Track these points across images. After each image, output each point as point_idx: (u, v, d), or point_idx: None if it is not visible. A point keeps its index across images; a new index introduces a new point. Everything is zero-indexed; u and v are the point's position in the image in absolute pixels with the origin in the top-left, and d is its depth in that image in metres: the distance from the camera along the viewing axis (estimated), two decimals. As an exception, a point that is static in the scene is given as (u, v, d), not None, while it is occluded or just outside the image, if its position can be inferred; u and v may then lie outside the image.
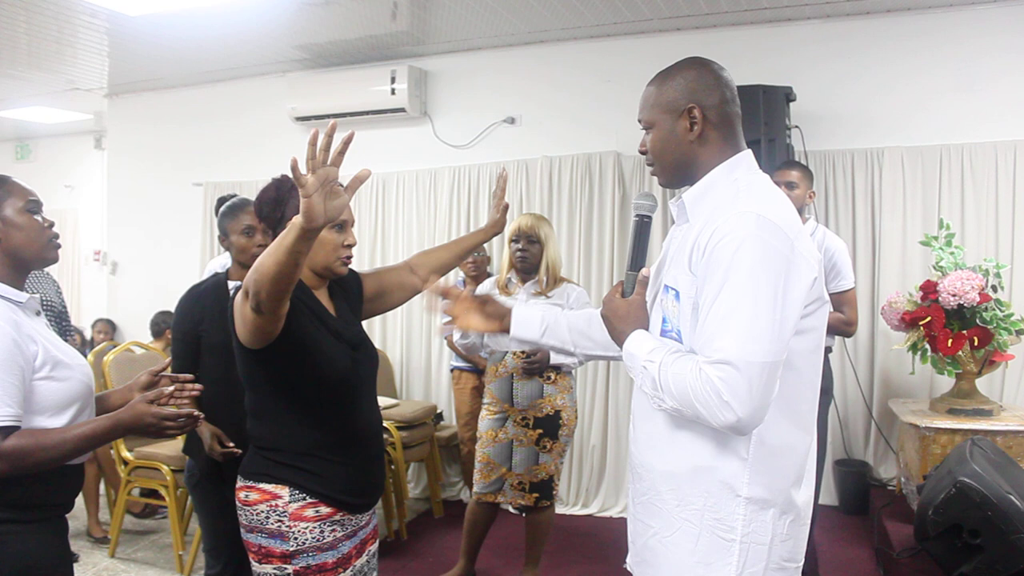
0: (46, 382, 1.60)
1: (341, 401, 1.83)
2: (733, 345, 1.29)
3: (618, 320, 1.55)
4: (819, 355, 1.47)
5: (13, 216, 1.65)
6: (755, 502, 1.40)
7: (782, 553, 1.43)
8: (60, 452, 1.55)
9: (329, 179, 1.41)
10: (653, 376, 1.39)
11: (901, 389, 4.26)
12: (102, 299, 6.47)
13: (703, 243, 1.38)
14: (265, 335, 1.69)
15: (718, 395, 1.29)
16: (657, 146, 1.52)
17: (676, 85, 1.49)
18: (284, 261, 1.49)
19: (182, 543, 3.78)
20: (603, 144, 4.76)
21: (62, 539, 1.72)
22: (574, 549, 4.01)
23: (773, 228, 1.34)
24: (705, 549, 1.42)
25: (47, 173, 7.66)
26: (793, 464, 1.44)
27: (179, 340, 2.61)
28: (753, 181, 1.47)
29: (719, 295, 1.33)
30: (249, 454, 1.87)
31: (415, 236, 5.21)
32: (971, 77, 4.16)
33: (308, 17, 4.44)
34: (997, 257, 3.90)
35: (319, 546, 1.78)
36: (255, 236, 2.62)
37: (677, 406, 1.36)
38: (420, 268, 2.19)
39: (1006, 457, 2.93)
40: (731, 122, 1.50)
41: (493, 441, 3.36)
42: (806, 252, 1.37)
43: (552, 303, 3.34)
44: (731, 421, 1.29)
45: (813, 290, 1.39)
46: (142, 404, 1.62)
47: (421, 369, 5.17)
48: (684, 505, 1.44)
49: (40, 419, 1.58)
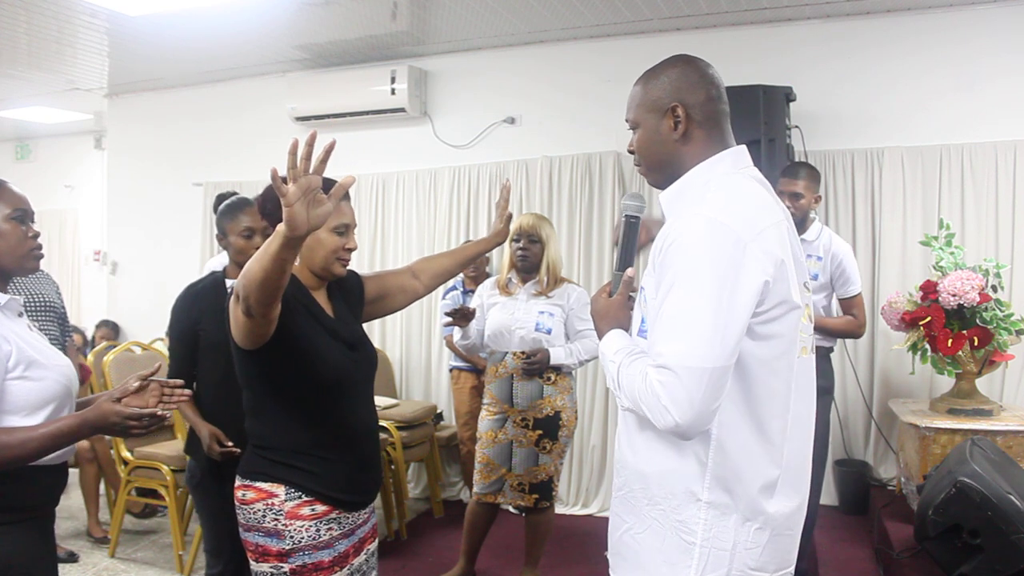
0: (19, 382, 1.60)
1: (337, 400, 1.84)
2: (673, 350, 1.30)
3: (600, 319, 1.58)
4: (786, 361, 1.42)
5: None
6: (715, 507, 1.39)
7: (747, 561, 1.40)
8: (24, 451, 1.54)
9: (311, 187, 1.41)
10: (614, 376, 1.43)
11: (901, 389, 4.25)
12: (102, 299, 6.47)
13: (660, 245, 1.39)
14: (258, 337, 1.70)
15: (658, 399, 1.30)
16: (643, 146, 1.52)
17: (660, 84, 1.48)
18: (270, 268, 1.50)
19: (182, 543, 3.78)
20: (603, 144, 4.76)
21: (45, 540, 1.71)
22: (574, 549, 4.01)
23: (723, 231, 1.32)
24: (669, 549, 1.42)
25: (47, 173, 7.66)
26: (756, 472, 1.40)
27: (177, 339, 2.59)
28: (723, 182, 1.44)
29: (666, 299, 1.33)
30: (247, 453, 1.88)
31: (415, 236, 5.21)
32: (971, 77, 4.16)
33: (308, 17, 4.44)
34: (997, 257, 3.90)
35: (315, 544, 1.78)
36: (254, 239, 2.59)
37: (631, 406, 1.39)
38: (422, 274, 2.20)
39: (1006, 457, 2.93)
40: (717, 120, 1.48)
41: (493, 442, 3.36)
42: (761, 255, 1.33)
43: (552, 303, 3.34)
44: (671, 425, 1.30)
45: (774, 295, 1.35)
46: (107, 403, 1.61)
47: (421, 369, 5.17)
48: (653, 504, 1.44)
49: (13, 419, 1.58)
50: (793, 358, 1.44)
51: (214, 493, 2.52)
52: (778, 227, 1.41)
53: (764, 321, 1.36)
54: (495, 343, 3.37)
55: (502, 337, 3.34)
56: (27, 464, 1.58)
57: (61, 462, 1.72)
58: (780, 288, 1.37)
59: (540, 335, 3.28)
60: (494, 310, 3.40)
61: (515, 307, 3.36)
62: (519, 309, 3.35)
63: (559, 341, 3.32)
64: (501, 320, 3.35)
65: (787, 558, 1.48)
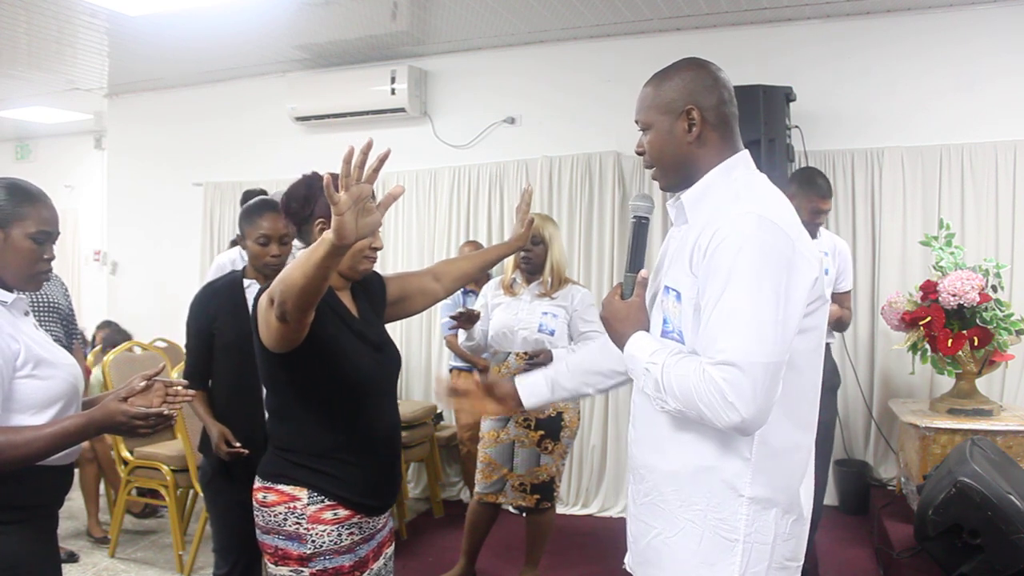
0: (28, 380, 1.60)
1: (363, 403, 1.82)
2: (737, 346, 1.30)
3: (618, 323, 1.54)
4: (819, 354, 1.48)
5: (18, 237, 1.64)
6: (758, 502, 1.40)
7: (784, 552, 1.44)
8: (31, 450, 1.53)
9: (362, 196, 1.39)
10: (656, 378, 1.39)
11: (901, 389, 4.26)
12: (102, 299, 6.47)
13: (704, 244, 1.38)
14: (290, 342, 1.68)
15: (722, 396, 1.29)
16: (655, 148, 1.52)
17: (674, 86, 1.49)
18: (312, 275, 1.48)
19: (182, 543, 3.78)
20: (603, 144, 4.76)
21: (48, 540, 1.71)
22: (574, 549, 4.01)
23: (774, 229, 1.34)
24: (708, 549, 1.42)
25: (47, 173, 7.65)
26: (795, 463, 1.45)
27: (194, 337, 2.60)
28: (752, 181, 1.47)
29: (722, 296, 1.33)
30: (268, 455, 1.85)
31: (415, 236, 5.21)
32: (971, 77, 4.16)
33: (308, 17, 4.44)
34: (997, 257, 3.90)
35: (336, 549, 1.77)
36: (270, 246, 2.55)
37: (680, 407, 1.36)
38: (443, 277, 2.18)
39: (1006, 457, 2.93)
40: (729, 123, 1.50)
41: (495, 441, 3.36)
42: (807, 252, 1.38)
43: (556, 304, 3.34)
44: (735, 422, 1.30)
45: (814, 289, 1.39)
46: (114, 402, 1.59)
47: (421, 369, 5.17)
48: (687, 506, 1.44)
49: (21, 417, 1.58)
50: (823, 351, 1.49)
51: (225, 492, 2.53)
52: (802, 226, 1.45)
53: (808, 314, 1.39)
54: (498, 343, 3.38)
55: (505, 338, 3.35)
56: (33, 464, 1.57)
57: (68, 463, 1.72)
58: (819, 284, 1.41)
59: (543, 336, 3.29)
60: (498, 310, 3.41)
61: (519, 308, 3.36)
62: (523, 310, 3.35)
63: (562, 342, 3.32)
64: (504, 321, 3.35)
65: (804, 546, 1.52)
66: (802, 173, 3.44)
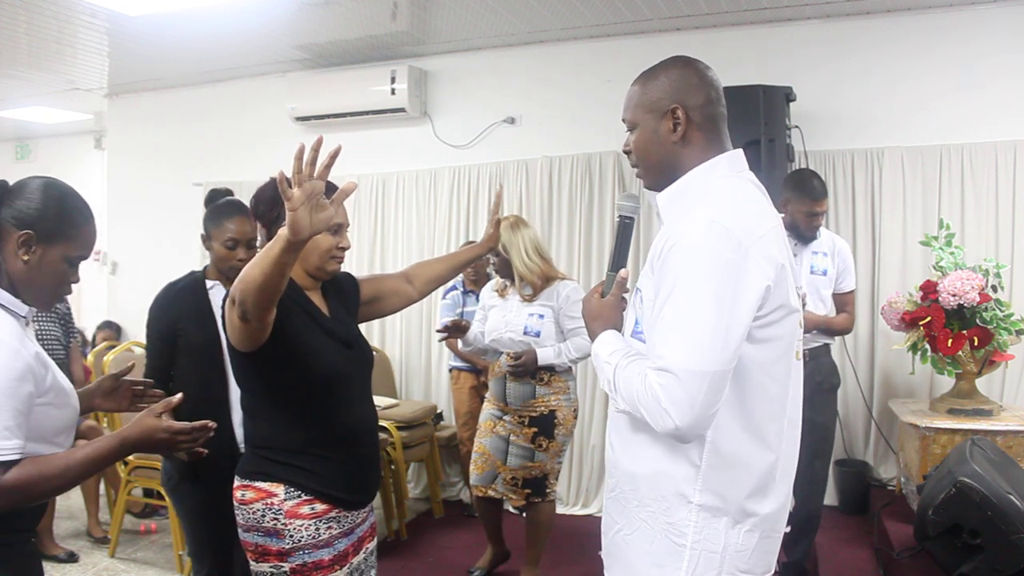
0: (47, 408, 1.48)
1: (334, 398, 1.85)
2: (675, 353, 1.29)
3: (592, 320, 1.57)
4: (787, 365, 1.43)
5: (55, 258, 1.53)
6: (707, 509, 1.39)
7: (737, 563, 1.41)
8: (65, 480, 1.44)
9: (315, 192, 1.43)
10: (609, 377, 1.42)
11: (901, 389, 4.25)
12: (102, 299, 6.47)
13: (659, 247, 1.38)
14: (254, 341, 1.71)
15: (658, 402, 1.29)
16: (640, 147, 1.52)
17: (660, 85, 1.48)
18: (270, 272, 1.51)
19: (182, 543, 3.78)
20: (603, 144, 4.75)
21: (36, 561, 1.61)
22: (574, 549, 4.01)
23: (725, 235, 1.31)
24: (658, 551, 1.42)
25: (47, 173, 7.51)
26: (749, 475, 1.40)
27: (155, 339, 2.51)
28: (723, 185, 1.43)
29: (667, 302, 1.33)
30: (245, 454, 1.89)
31: (415, 236, 5.21)
32: (971, 77, 4.16)
33: (308, 17, 4.44)
34: (997, 257, 3.90)
35: (315, 543, 1.79)
36: (237, 250, 2.48)
37: (627, 408, 1.39)
38: (416, 279, 2.23)
39: (1006, 457, 2.93)
40: (715, 123, 1.48)
41: (491, 432, 3.45)
42: (763, 260, 1.33)
43: (542, 304, 3.38)
44: (670, 428, 1.30)
45: (774, 298, 1.35)
46: (150, 419, 1.51)
47: (420, 369, 5.17)
48: (642, 506, 1.45)
49: (34, 446, 1.46)
50: (791, 361, 1.44)
51: (191, 495, 2.49)
52: (776, 231, 1.42)
53: (763, 325, 1.36)
54: (493, 344, 3.47)
55: (497, 340, 3.43)
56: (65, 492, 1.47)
57: None
58: (780, 292, 1.37)
59: (528, 339, 3.33)
60: (492, 312, 3.50)
61: (507, 310, 3.44)
62: (511, 311, 3.42)
63: (550, 342, 3.35)
64: (495, 323, 3.45)
65: (771, 561, 1.49)
66: (794, 177, 3.39)
